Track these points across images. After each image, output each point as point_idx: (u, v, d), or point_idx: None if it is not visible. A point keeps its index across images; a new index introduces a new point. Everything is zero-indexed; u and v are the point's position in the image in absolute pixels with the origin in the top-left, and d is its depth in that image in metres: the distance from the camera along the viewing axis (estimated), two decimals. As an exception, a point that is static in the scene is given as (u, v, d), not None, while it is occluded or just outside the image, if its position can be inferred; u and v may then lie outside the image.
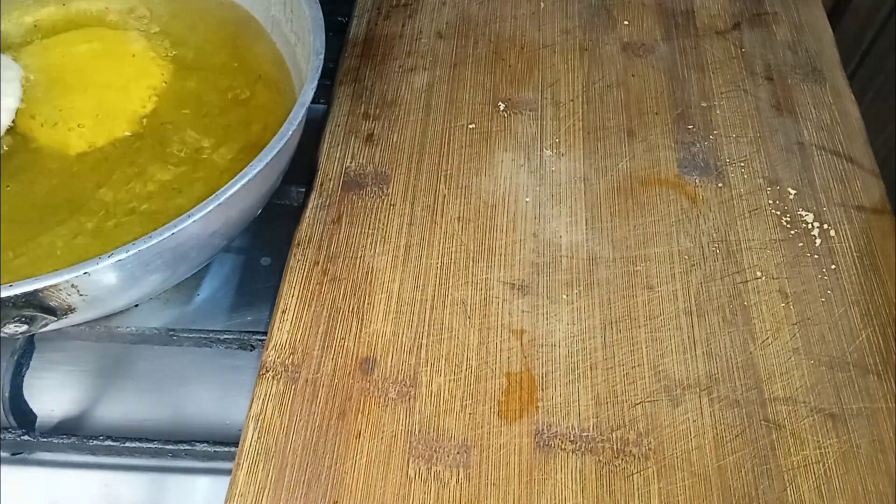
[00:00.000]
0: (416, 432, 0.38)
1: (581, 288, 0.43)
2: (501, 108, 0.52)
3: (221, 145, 0.46)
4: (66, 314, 0.37)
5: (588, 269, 0.44)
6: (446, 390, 0.39)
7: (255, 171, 0.37)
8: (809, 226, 0.46)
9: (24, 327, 0.35)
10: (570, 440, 0.38)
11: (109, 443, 0.41)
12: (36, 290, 0.34)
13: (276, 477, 0.37)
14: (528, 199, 0.47)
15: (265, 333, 0.43)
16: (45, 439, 0.42)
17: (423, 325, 0.42)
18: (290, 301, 0.42)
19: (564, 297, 0.43)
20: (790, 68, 0.54)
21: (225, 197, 0.36)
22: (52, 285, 0.34)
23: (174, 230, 0.35)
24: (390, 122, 0.51)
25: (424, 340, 0.41)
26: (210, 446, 0.41)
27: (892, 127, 0.79)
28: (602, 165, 0.49)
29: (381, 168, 0.49)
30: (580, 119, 0.51)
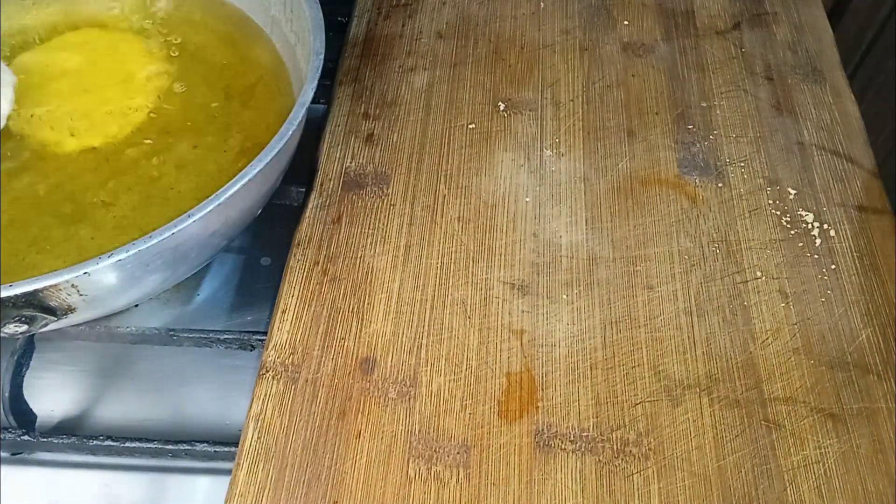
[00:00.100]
0: (416, 432, 0.38)
1: (581, 288, 0.43)
2: (501, 108, 0.52)
3: (221, 145, 0.46)
4: (66, 314, 0.37)
5: (588, 269, 0.44)
6: (446, 390, 0.39)
7: (255, 171, 0.37)
8: (809, 226, 0.46)
9: (24, 327, 0.35)
10: (570, 440, 0.38)
11: (109, 443, 0.41)
12: (36, 290, 0.34)
13: (276, 477, 0.37)
14: (528, 199, 0.47)
15: (265, 333, 0.43)
16: (45, 439, 0.42)
17: (423, 325, 0.42)
18: (290, 301, 0.43)
19: (564, 297, 0.43)
20: (790, 68, 0.54)
21: (225, 197, 0.36)
22: (52, 285, 0.34)
23: (174, 230, 0.35)
24: (390, 122, 0.51)
25: (424, 340, 0.41)
26: (210, 446, 0.41)
27: (892, 127, 0.79)
28: (602, 165, 0.49)
29: (381, 168, 0.49)
30: (580, 119, 0.51)
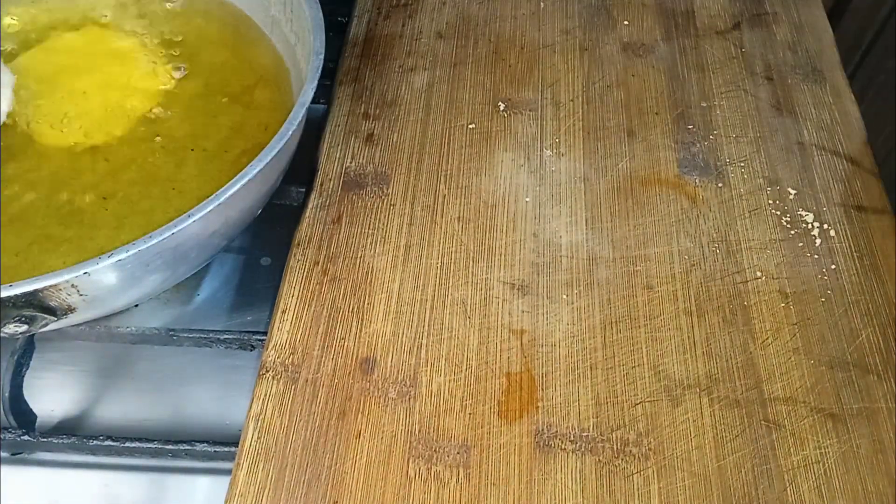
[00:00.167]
0: (416, 432, 0.38)
1: (581, 288, 0.43)
2: (501, 108, 0.52)
3: (221, 145, 0.46)
4: (66, 314, 0.37)
5: (588, 269, 0.44)
6: (446, 390, 0.39)
7: (255, 171, 0.37)
8: (809, 226, 0.46)
9: (24, 327, 0.35)
10: (570, 440, 0.38)
11: (109, 443, 0.41)
12: (36, 290, 0.34)
13: (276, 477, 0.37)
14: (528, 199, 0.47)
15: (265, 333, 0.43)
16: (45, 439, 0.42)
17: (423, 325, 0.42)
18: (290, 301, 0.42)
19: (564, 297, 0.43)
20: (790, 68, 0.54)
21: (225, 197, 0.36)
22: (52, 285, 0.34)
23: (174, 230, 0.35)
24: (390, 122, 0.51)
25: (424, 340, 0.41)
26: (210, 446, 0.41)
27: (892, 127, 0.79)
28: (602, 165, 0.49)
29: (381, 168, 0.49)
30: (580, 119, 0.51)
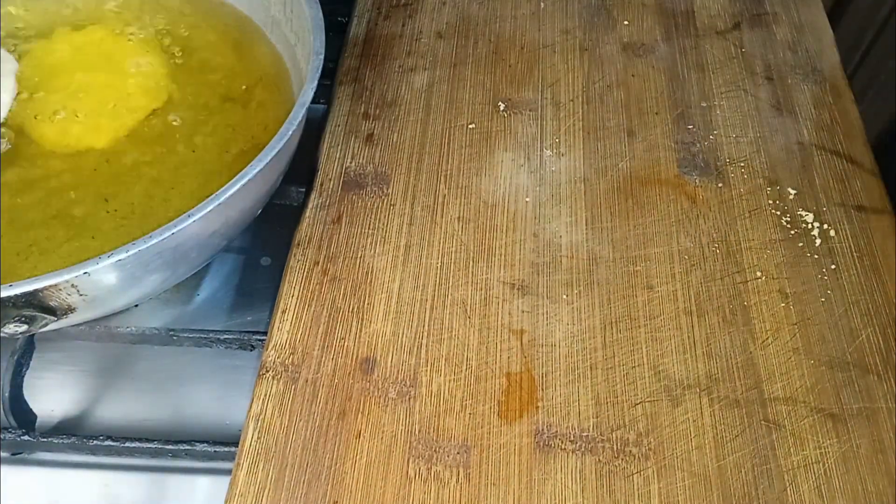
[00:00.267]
0: (416, 432, 0.38)
1: (581, 288, 0.43)
2: (501, 108, 0.52)
3: (221, 145, 0.46)
4: (66, 314, 0.37)
5: (588, 269, 0.44)
6: (446, 390, 0.39)
7: (255, 171, 0.37)
8: (809, 226, 0.46)
9: (24, 327, 0.35)
10: (570, 440, 0.38)
11: (109, 443, 0.41)
12: (36, 290, 0.34)
13: (276, 477, 0.37)
14: (528, 199, 0.47)
15: (265, 333, 0.43)
16: (45, 439, 0.42)
17: (423, 325, 0.42)
18: (290, 301, 0.42)
19: (564, 297, 0.43)
20: (790, 68, 0.54)
21: (225, 197, 0.36)
22: (52, 285, 0.34)
23: (174, 230, 0.35)
24: (390, 122, 0.51)
25: (424, 340, 0.41)
26: (210, 446, 0.41)
27: (892, 126, 0.79)
28: (602, 165, 0.49)
29: (381, 168, 0.49)
30: (580, 119, 0.51)
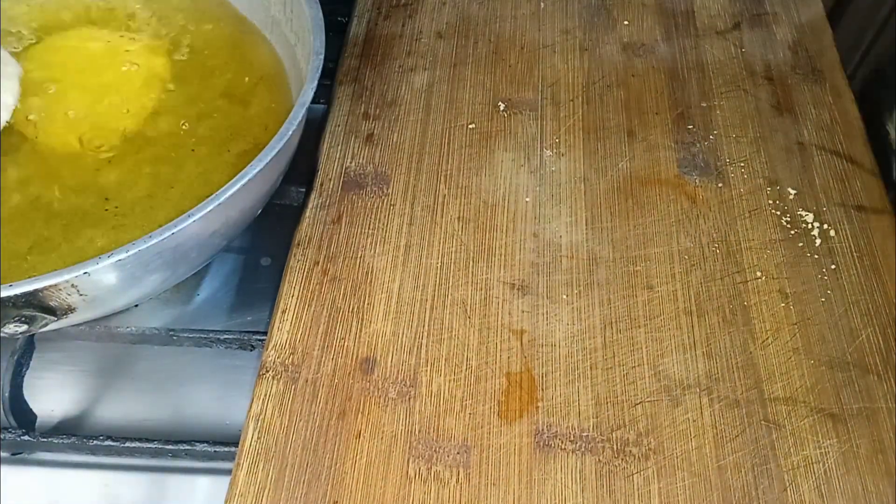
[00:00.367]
0: (416, 432, 0.38)
1: (581, 288, 0.43)
2: (501, 108, 0.52)
3: (221, 145, 0.46)
4: (66, 314, 0.37)
5: (588, 269, 0.44)
6: (446, 390, 0.39)
7: (255, 171, 0.37)
8: (809, 226, 0.46)
9: (24, 327, 0.35)
10: (570, 440, 0.38)
11: (109, 443, 0.41)
12: (36, 290, 0.34)
13: (276, 477, 0.37)
14: (528, 199, 0.47)
15: (265, 333, 0.43)
16: (45, 439, 0.42)
17: (423, 325, 0.42)
18: (290, 301, 0.42)
19: (564, 297, 0.43)
20: (790, 68, 0.54)
21: (225, 197, 0.36)
22: (52, 285, 0.34)
23: (174, 230, 0.35)
24: (390, 122, 0.51)
25: (424, 340, 0.41)
26: (210, 446, 0.41)
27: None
28: (602, 165, 0.49)
29: (381, 168, 0.49)
30: (580, 119, 0.51)
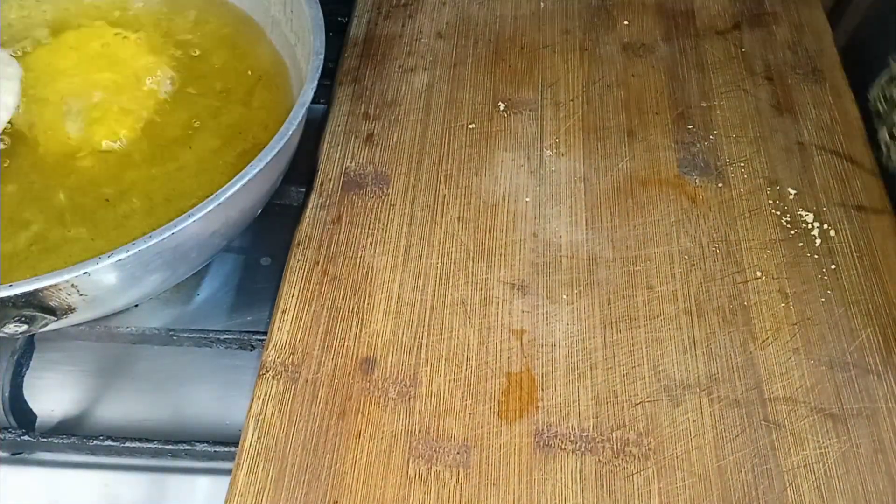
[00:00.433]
0: (416, 432, 0.38)
1: (581, 288, 0.43)
2: (501, 108, 0.52)
3: (221, 146, 0.46)
4: (66, 314, 0.37)
5: (588, 269, 0.44)
6: (446, 390, 0.39)
7: (255, 171, 0.37)
8: (809, 226, 0.46)
9: (24, 327, 0.35)
10: (570, 440, 0.38)
11: (109, 443, 0.41)
12: (36, 290, 0.34)
13: (276, 477, 0.37)
14: (528, 199, 0.47)
15: (265, 333, 0.43)
16: (45, 439, 0.42)
17: (423, 325, 0.42)
18: (290, 301, 0.42)
19: (564, 297, 0.43)
20: (790, 68, 0.54)
21: (225, 197, 0.36)
22: (52, 285, 0.34)
23: (174, 230, 0.35)
24: (390, 122, 0.51)
25: (424, 340, 0.41)
26: (210, 446, 0.41)
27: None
28: (602, 165, 0.49)
29: (381, 168, 0.49)
30: (580, 119, 0.51)
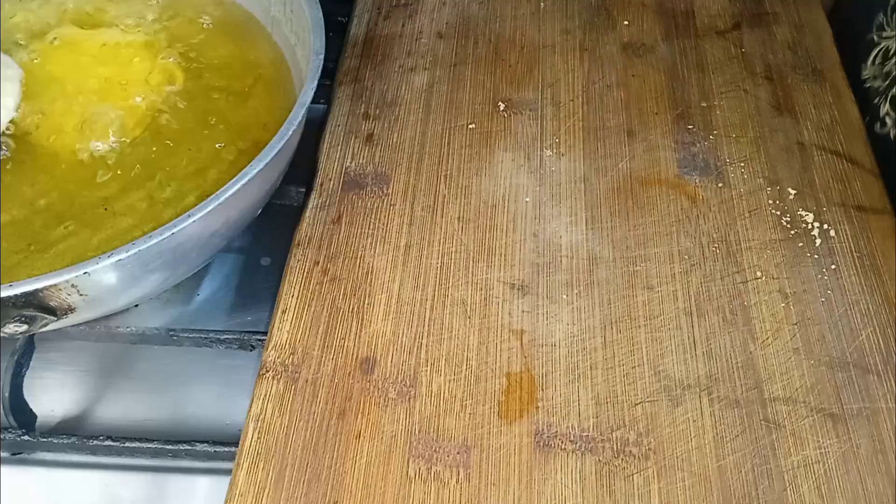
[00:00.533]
0: (416, 432, 0.38)
1: (581, 288, 0.43)
2: (501, 108, 0.52)
3: (221, 146, 0.46)
4: (66, 314, 0.37)
5: (588, 269, 0.44)
6: (446, 390, 0.39)
7: (255, 171, 0.37)
8: (809, 226, 0.46)
9: (24, 327, 0.35)
10: (570, 440, 0.38)
11: (109, 443, 0.41)
12: (36, 290, 0.34)
13: (276, 477, 0.37)
14: (528, 199, 0.47)
15: (265, 333, 0.43)
16: (45, 439, 0.42)
17: (423, 325, 0.42)
18: (290, 301, 0.42)
19: (564, 297, 0.43)
20: (790, 68, 0.54)
21: (225, 197, 0.36)
22: (52, 285, 0.34)
23: (174, 230, 0.35)
24: (390, 122, 0.51)
25: (424, 340, 0.41)
26: (210, 446, 0.41)
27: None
28: (602, 165, 0.49)
29: (381, 168, 0.49)
30: (580, 119, 0.51)
